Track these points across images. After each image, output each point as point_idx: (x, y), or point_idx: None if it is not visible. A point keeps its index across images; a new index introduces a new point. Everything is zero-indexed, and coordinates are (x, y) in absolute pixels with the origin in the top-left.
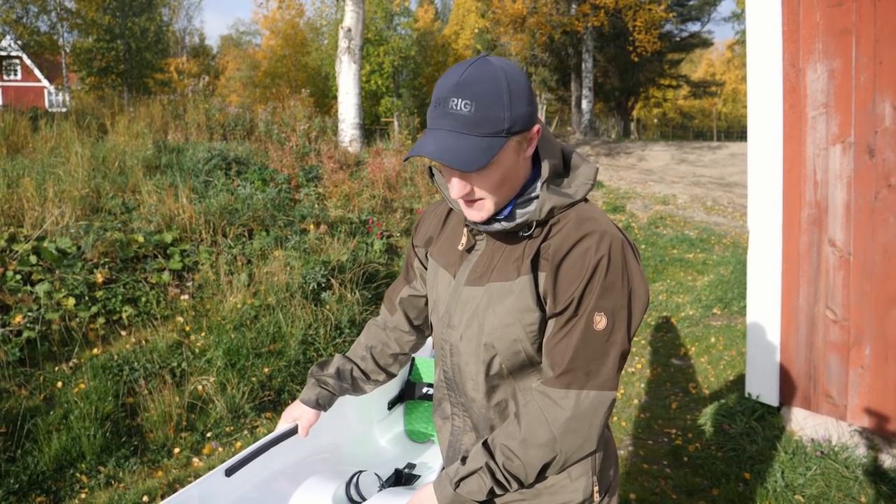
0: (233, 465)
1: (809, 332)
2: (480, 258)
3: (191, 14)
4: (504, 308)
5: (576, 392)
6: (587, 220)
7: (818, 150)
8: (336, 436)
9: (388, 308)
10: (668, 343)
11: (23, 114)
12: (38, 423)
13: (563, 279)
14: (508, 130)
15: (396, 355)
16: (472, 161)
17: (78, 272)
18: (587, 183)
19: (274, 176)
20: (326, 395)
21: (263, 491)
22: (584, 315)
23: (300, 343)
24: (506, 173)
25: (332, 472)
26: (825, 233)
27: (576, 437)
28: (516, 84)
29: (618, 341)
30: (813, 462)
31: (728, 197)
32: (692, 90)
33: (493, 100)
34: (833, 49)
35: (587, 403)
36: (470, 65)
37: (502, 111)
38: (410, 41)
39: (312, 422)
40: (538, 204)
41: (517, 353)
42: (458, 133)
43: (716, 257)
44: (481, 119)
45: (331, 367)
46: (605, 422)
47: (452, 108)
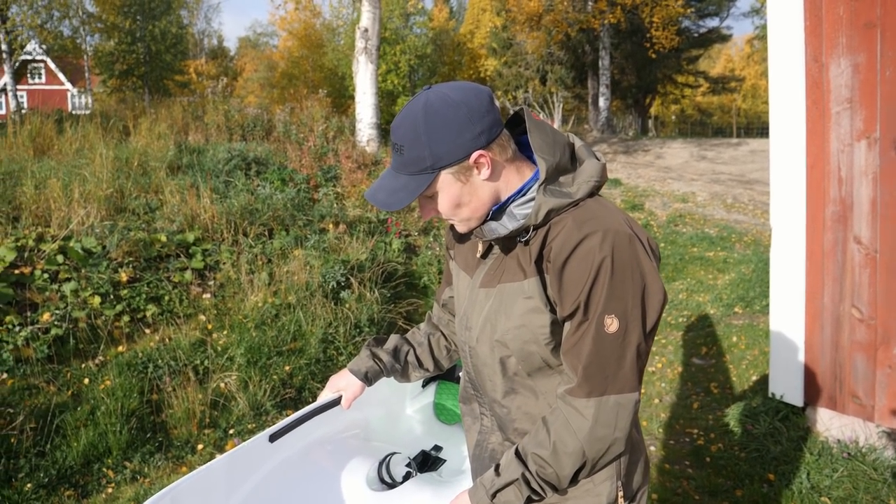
0: (276, 432)
1: (835, 332)
2: (495, 262)
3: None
4: (515, 310)
5: (596, 400)
6: (589, 220)
7: (842, 146)
8: (368, 410)
9: (437, 306)
10: (689, 342)
11: (48, 116)
12: (66, 418)
13: (567, 283)
14: (433, 167)
15: (450, 349)
16: (396, 201)
17: (103, 271)
18: (591, 180)
19: (293, 176)
20: (377, 370)
21: (302, 460)
22: (594, 319)
23: (320, 341)
24: (455, 199)
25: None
26: (850, 230)
27: (602, 443)
28: (436, 119)
29: (633, 342)
30: (839, 463)
31: (749, 194)
32: (711, 86)
33: (413, 141)
34: (857, 43)
35: (609, 409)
36: (406, 105)
37: (421, 150)
38: (426, 40)
39: (357, 394)
40: (534, 207)
41: (531, 355)
42: (395, 172)
43: (737, 255)
44: (407, 160)
45: (388, 343)
46: (631, 423)
47: (393, 148)
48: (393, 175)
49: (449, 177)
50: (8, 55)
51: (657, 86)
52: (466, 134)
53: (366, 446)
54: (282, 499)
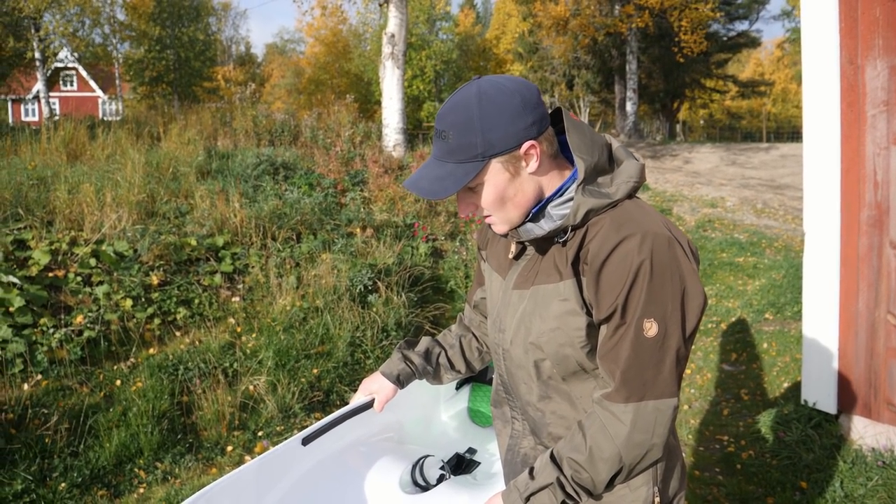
0: (309, 435)
1: (869, 338)
2: (528, 263)
3: (237, 23)
4: (550, 312)
5: (634, 405)
6: (628, 222)
7: (878, 149)
8: (403, 412)
9: (469, 307)
10: (719, 348)
11: (81, 123)
12: (98, 419)
13: (604, 286)
14: (483, 154)
15: (482, 351)
16: (441, 190)
17: (135, 274)
18: (629, 181)
19: (320, 180)
20: (409, 372)
21: (335, 463)
22: (633, 323)
23: (348, 345)
24: (501, 192)
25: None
26: (886, 235)
27: (640, 448)
28: (491, 106)
29: (672, 346)
30: (874, 472)
31: (779, 199)
32: (740, 90)
33: (465, 127)
34: (894, 45)
35: (647, 414)
36: (455, 92)
37: (473, 137)
38: (452, 45)
39: (390, 397)
40: (573, 207)
41: (566, 358)
42: (439, 161)
43: (767, 261)
44: (456, 146)
45: (420, 346)
46: (669, 429)
47: (438, 136)
48: (437, 164)
49: (498, 166)
50: (41, 63)
51: (685, 90)
52: (520, 123)
53: (399, 449)
54: (315, 502)
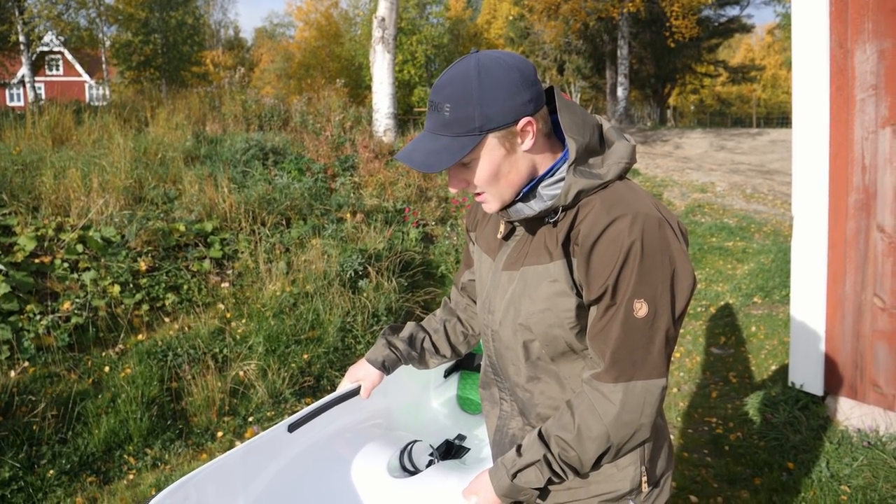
0: (296, 421)
1: (856, 321)
2: (518, 244)
3: (225, 7)
4: (539, 293)
5: (623, 384)
6: (619, 203)
7: (867, 133)
8: (392, 399)
9: (456, 290)
10: (708, 332)
11: (66, 107)
12: (87, 406)
13: (595, 266)
14: (481, 128)
15: (467, 335)
16: (435, 163)
17: (122, 260)
18: (621, 161)
19: (310, 165)
20: (393, 358)
21: (322, 449)
22: (623, 303)
23: (338, 330)
24: (495, 168)
25: (387, 438)
26: (873, 218)
27: (628, 428)
28: (491, 80)
29: (662, 327)
30: (859, 452)
31: (768, 184)
32: (730, 76)
33: (463, 99)
34: (883, 29)
35: (636, 394)
36: (453, 65)
37: (471, 110)
38: (443, 30)
39: (376, 383)
40: (564, 187)
41: (556, 339)
42: (433, 134)
43: (756, 245)
44: (453, 119)
45: (404, 331)
46: (657, 409)
47: (434, 109)
48: (431, 137)
49: (495, 141)
50: (26, 46)
51: (676, 75)
52: (518, 98)
53: (388, 435)
54: (302, 487)
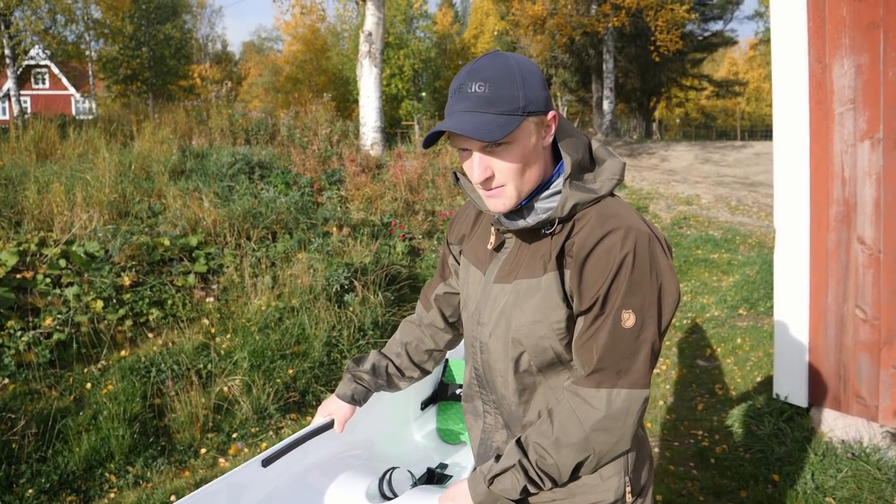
0: (269, 457)
1: (839, 332)
2: (509, 256)
3: (213, 21)
4: (531, 305)
5: (607, 391)
6: (612, 217)
7: (846, 146)
8: (370, 433)
9: (423, 305)
10: (694, 344)
11: (51, 121)
12: (68, 423)
13: (587, 277)
14: (524, 109)
15: (431, 352)
16: (489, 133)
17: (106, 275)
18: (613, 178)
19: (297, 179)
20: (362, 390)
21: (298, 483)
22: (612, 313)
23: (324, 345)
24: (526, 156)
25: (366, 468)
26: (854, 230)
27: (609, 435)
28: (527, 69)
29: (648, 339)
30: (844, 464)
31: (753, 196)
32: (715, 90)
33: (507, 80)
34: (860, 44)
35: (619, 402)
36: (480, 57)
37: (516, 90)
38: (430, 44)
39: (348, 417)
40: (560, 200)
41: (545, 351)
42: (473, 112)
43: (741, 257)
44: (496, 98)
45: (366, 363)
46: (638, 421)
47: (467, 91)
48: (471, 114)
49: (531, 126)
50: (11, 60)
51: (661, 89)
52: (546, 91)
53: (367, 465)
54: None
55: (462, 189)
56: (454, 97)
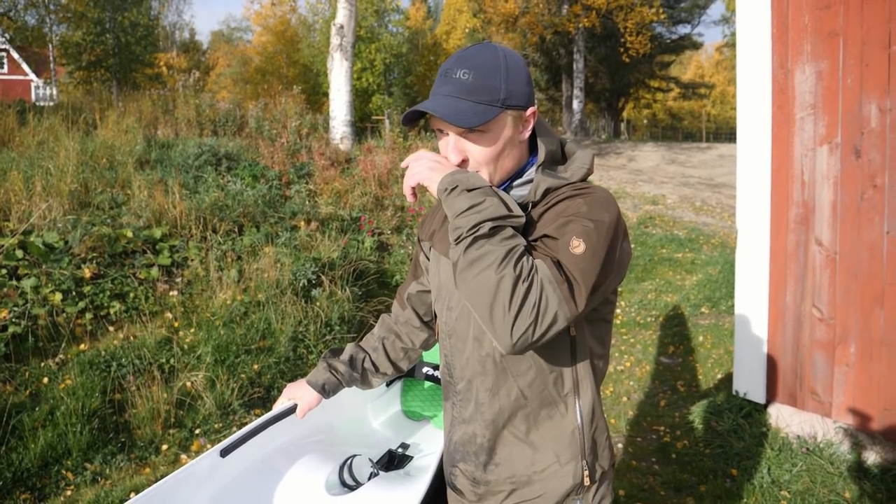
0: (228, 446)
1: (796, 331)
2: None
3: (180, 9)
4: None
5: (541, 261)
6: (579, 192)
7: (806, 150)
8: (331, 414)
9: (399, 304)
10: (658, 341)
11: (10, 107)
12: (23, 419)
13: (548, 218)
14: (504, 101)
15: (407, 350)
16: (465, 119)
17: (65, 267)
18: (583, 167)
19: (265, 172)
20: (334, 382)
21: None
22: (562, 238)
23: (290, 340)
24: (500, 146)
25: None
26: (812, 232)
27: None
28: (514, 63)
29: (594, 271)
30: (799, 458)
31: (716, 197)
32: (682, 91)
33: (491, 71)
34: (821, 51)
35: (549, 273)
36: (472, 45)
37: (498, 82)
38: (402, 39)
39: (312, 406)
40: (533, 186)
41: None
42: (455, 98)
43: (704, 257)
44: (478, 87)
45: (344, 354)
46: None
47: (452, 76)
48: (451, 99)
49: (509, 119)
50: None
51: (630, 90)
52: (530, 88)
53: (328, 451)
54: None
55: None
56: (440, 80)
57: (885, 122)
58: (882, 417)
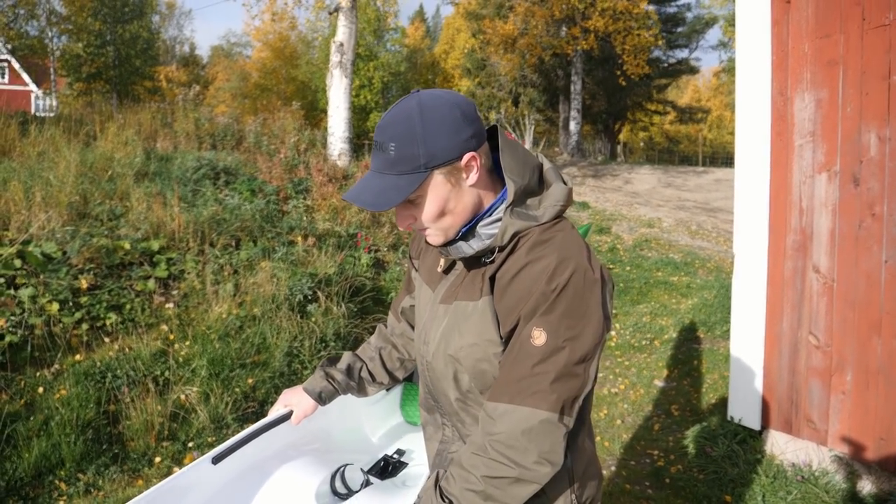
0: (220, 453)
1: (792, 357)
2: (456, 279)
3: (181, 23)
4: (467, 327)
5: (505, 406)
6: (543, 244)
7: (804, 177)
8: (328, 420)
9: (393, 316)
10: (652, 365)
11: (11, 117)
12: (17, 428)
13: (508, 300)
14: (426, 165)
15: (403, 360)
16: (384, 201)
17: (63, 277)
18: (556, 204)
19: (262, 187)
20: (331, 390)
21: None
22: (523, 331)
23: (285, 355)
24: (442, 205)
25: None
26: (810, 259)
27: (509, 456)
28: (433, 117)
29: (559, 362)
30: (793, 486)
31: (712, 222)
32: (678, 115)
33: (406, 138)
34: (821, 79)
35: (517, 419)
36: (395, 105)
37: (415, 148)
38: (400, 57)
39: (308, 413)
40: (501, 228)
41: (483, 373)
42: (380, 173)
43: (699, 281)
44: (398, 158)
45: (341, 363)
46: (547, 449)
47: (378, 148)
48: (377, 176)
49: (440, 177)
50: None
51: (627, 112)
52: (461, 134)
53: (323, 458)
54: None
55: None
56: (373, 150)
57: (884, 151)
58: (878, 447)
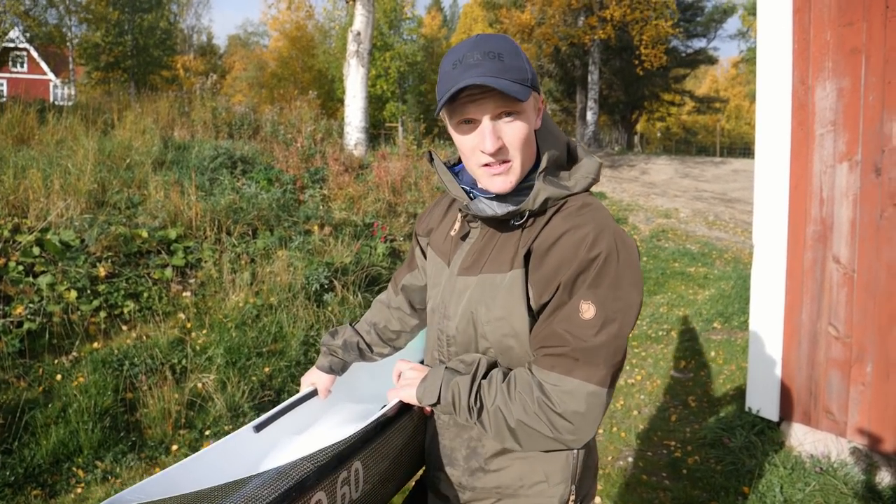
0: (261, 422)
1: (811, 348)
2: (473, 246)
3: (199, 12)
4: (496, 301)
5: (558, 376)
6: (581, 212)
7: (825, 167)
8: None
9: (392, 289)
10: (669, 355)
11: (30, 106)
12: (36, 415)
13: (548, 268)
14: (531, 81)
15: (399, 332)
16: (518, 91)
17: (81, 265)
18: (588, 176)
19: (279, 176)
20: (338, 362)
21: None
22: (570, 303)
23: (301, 344)
24: (530, 131)
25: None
26: (830, 250)
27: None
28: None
29: (608, 336)
30: (812, 478)
31: (730, 212)
32: (696, 105)
33: (514, 52)
34: (842, 68)
35: (571, 389)
36: (477, 34)
37: (523, 62)
38: (417, 47)
39: (328, 386)
40: (533, 193)
41: (509, 349)
42: (492, 77)
43: (717, 272)
44: (509, 67)
45: (339, 338)
46: (594, 421)
47: (479, 59)
48: (491, 79)
49: (533, 101)
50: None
51: (644, 102)
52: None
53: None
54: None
55: (436, 169)
56: (461, 65)
57: None
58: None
